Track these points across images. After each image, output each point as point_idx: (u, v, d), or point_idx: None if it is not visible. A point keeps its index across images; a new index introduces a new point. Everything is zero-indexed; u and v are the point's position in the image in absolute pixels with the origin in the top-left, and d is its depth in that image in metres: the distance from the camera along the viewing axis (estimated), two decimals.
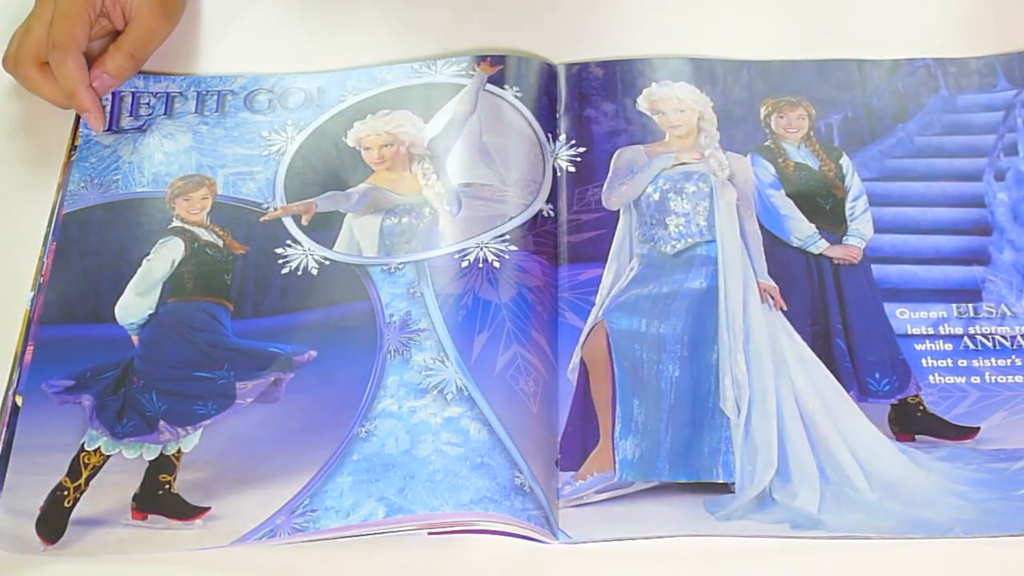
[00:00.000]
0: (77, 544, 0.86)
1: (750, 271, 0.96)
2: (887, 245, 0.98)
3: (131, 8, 1.07)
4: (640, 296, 0.96)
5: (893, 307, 0.95)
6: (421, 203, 1.00)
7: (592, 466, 0.88)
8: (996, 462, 0.88)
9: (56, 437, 0.90)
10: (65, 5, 1.03)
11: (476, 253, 0.97)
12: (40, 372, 0.93)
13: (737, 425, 0.89)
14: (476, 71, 1.07)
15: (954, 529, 0.85)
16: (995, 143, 1.02)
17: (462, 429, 0.88)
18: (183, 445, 0.90)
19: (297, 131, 1.05)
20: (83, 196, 1.02)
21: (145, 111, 1.07)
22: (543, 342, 0.93)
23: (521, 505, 0.85)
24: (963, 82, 1.06)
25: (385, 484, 0.86)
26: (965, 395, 0.91)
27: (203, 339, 0.95)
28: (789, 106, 1.05)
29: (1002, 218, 0.98)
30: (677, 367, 0.92)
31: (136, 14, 1.07)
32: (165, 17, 1.09)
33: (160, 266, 0.98)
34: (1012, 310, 0.94)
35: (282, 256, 0.98)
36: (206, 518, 0.87)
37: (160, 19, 1.09)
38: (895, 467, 0.88)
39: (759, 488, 0.87)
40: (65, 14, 1.03)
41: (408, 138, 1.04)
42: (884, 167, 1.02)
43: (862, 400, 0.91)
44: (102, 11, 1.06)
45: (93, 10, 1.04)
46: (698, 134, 1.04)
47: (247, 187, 1.02)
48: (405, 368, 0.91)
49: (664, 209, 1.00)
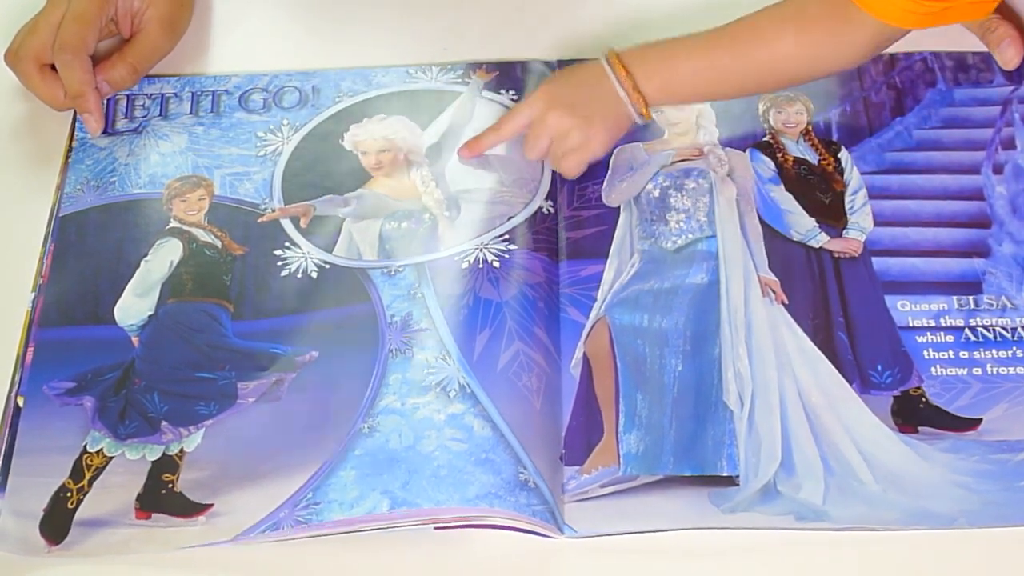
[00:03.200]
0: (81, 545, 0.85)
1: (751, 266, 0.97)
2: (887, 238, 0.98)
3: (141, 21, 1.07)
4: (642, 292, 0.96)
5: (894, 299, 0.95)
6: (420, 209, 1.00)
7: (596, 460, 0.88)
8: (999, 453, 0.88)
9: (58, 439, 0.90)
10: (79, 8, 1.03)
11: (476, 254, 0.97)
12: (41, 373, 0.93)
13: (740, 418, 0.90)
14: (472, 78, 1.07)
15: (958, 520, 0.85)
16: (993, 137, 1.02)
17: (465, 425, 0.88)
18: (186, 445, 0.90)
19: (293, 131, 1.05)
20: (80, 198, 1.02)
21: (140, 113, 1.07)
22: (545, 338, 0.93)
23: (526, 500, 0.85)
24: (960, 76, 1.06)
25: (389, 478, 0.86)
26: (967, 387, 0.91)
27: (203, 340, 0.95)
28: (787, 101, 1.05)
29: (1001, 211, 0.99)
30: (680, 361, 0.92)
31: (145, 28, 1.07)
32: (172, 34, 1.09)
33: (158, 267, 0.98)
34: (1012, 302, 0.94)
35: (281, 258, 0.98)
36: (209, 514, 0.86)
37: (167, 36, 1.09)
38: (898, 459, 0.88)
39: (763, 481, 0.87)
40: (77, 17, 1.03)
41: (406, 145, 1.04)
42: (883, 160, 1.02)
43: (864, 392, 0.91)
44: (113, 18, 1.06)
45: (105, 16, 1.05)
46: (697, 131, 1.04)
47: (244, 187, 1.02)
48: (407, 366, 0.91)
49: (664, 205, 1.00)
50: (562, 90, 1.00)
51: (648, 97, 0.97)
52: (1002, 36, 1.02)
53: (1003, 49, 1.02)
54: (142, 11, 1.07)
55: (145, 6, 1.06)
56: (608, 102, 0.97)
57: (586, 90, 0.98)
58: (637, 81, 0.96)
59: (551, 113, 0.98)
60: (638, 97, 0.96)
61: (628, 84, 0.96)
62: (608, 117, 0.98)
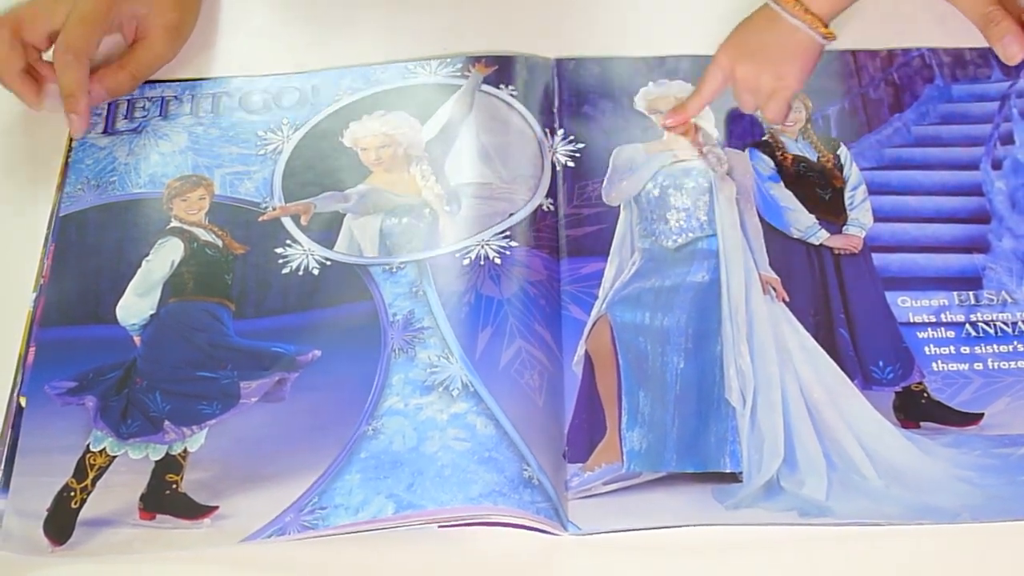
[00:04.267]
0: (85, 545, 0.85)
1: (751, 263, 0.97)
2: (887, 234, 0.98)
3: (145, 27, 1.07)
4: (643, 290, 0.96)
5: (895, 295, 0.95)
6: (421, 204, 1.00)
7: (600, 458, 0.89)
8: (1001, 447, 0.88)
9: (61, 439, 0.90)
10: (85, 9, 1.02)
11: (477, 251, 0.97)
12: (42, 373, 0.93)
13: (743, 415, 0.90)
14: (472, 72, 1.07)
15: (961, 515, 0.85)
16: (991, 132, 1.03)
17: (468, 425, 0.88)
18: (189, 445, 0.90)
19: (293, 130, 1.05)
20: (80, 198, 1.02)
21: (140, 113, 1.07)
22: (547, 336, 0.93)
23: (530, 498, 0.85)
24: (958, 72, 1.07)
25: (394, 481, 0.86)
26: (968, 382, 0.91)
27: (205, 339, 0.95)
28: None
29: (1000, 206, 0.99)
30: (682, 359, 0.92)
31: (148, 36, 1.07)
32: (175, 42, 1.09)
33: (159, 267, 0.98)
34: (1013, 296, 0.95)
35: (282, 256, 0.98)
36: (214, 517, 0.86)
37: (170, 44, 1.08)
38: (901, 454, 0.88)
39: (766, 477, 0.87)
40: (84, 19, 1.02)
41: (405, 140, 1.04)
42: (882, 156, 1.03)
43: (866, 388, 0.91)
44: (117, 24, 1.06)
45: (111, 21, 1.04)
46: (696, 131, 1.04)
47: (244, 187, 1.02)
48: (410, 366, 0.91)
49: (664, 204, 1.00)
50: (740, 42, 1.02)
51: (822, 15, 0.99)
52: (1005, 31, 1.02)
53: (1006, 44, 1.02)
54: (147, 17, 1.06)
55: (151, 13, 1.06)
56: (786, 37, 1.00)
57: (762, 34, 1.01)
58: (806, 4, 0.99)
59: (737, 68, 1.01)
60: (812, 18, 0.99)
61: (798, 10, 0.98)
62: (791, 51, 1.00)
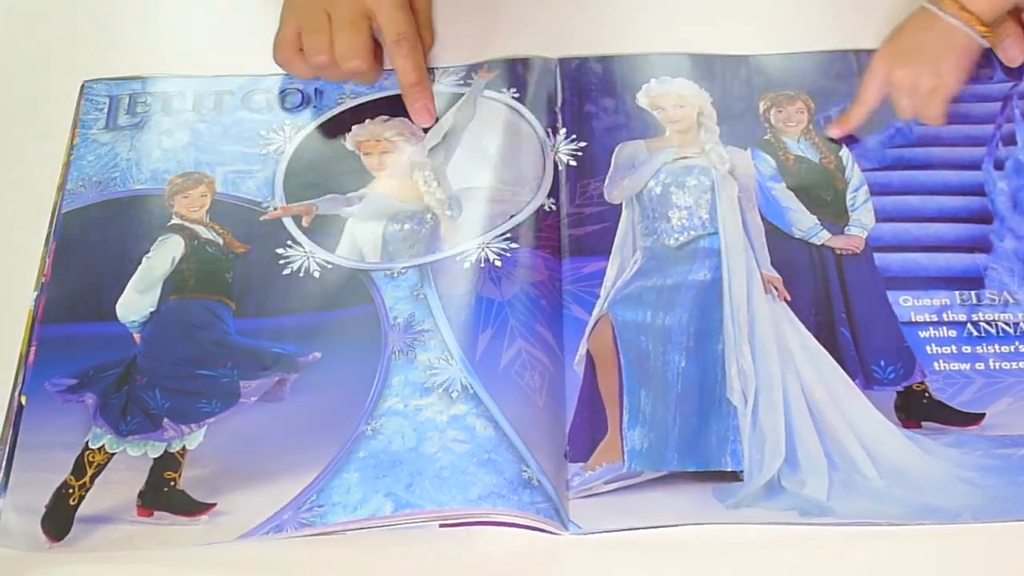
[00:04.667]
0: (83, 541, 0.85)
1: (753, 263, 0.97)
2: (889, 234, 0.98)
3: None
4: (645, 288, 0.96)
5: (896, 295, 0.95)
6: (423, 209, 1.00)
7: (601, 457, 0.88)
8: (1002, 448, 0.88)
9: (60, 435, 0.90)
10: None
11: (479, 254, 0.97)
12: (43, 371, 0.93)
13: (744, 414, 0.90)
14: (474, 79, 1.07)
15: (962, 515, 0.85)
16: (993, 133, 1.03)
17: (468, 426, 0.88)
18: (188, 442, 0.90)
19: (295, 131, 1.05)
20: (81, 195, 1.02)
21: (142, 108, 1.07)
22: (548, 336, 0.93)
23: (529, 499, 0.85)
24: None
25: (392, 480, 0.86)
26: (970, 382, 0.91)
27: (205, 337, 0.95)
28: (788, 100, 1.05)
29: (1002, 207, 0.99)
30: (683, 358, 0.92)
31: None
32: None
33: (160, 264, 0.98)
34: (1014, 297, 0.94)
35: (283, 256, 0.98)
36: (212, 514, 0.86)
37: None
38: (902, 454, 0.88)
39: (768, 476, 0.87)
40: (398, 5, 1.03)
41: (408, 145, 1.04)
42: (884, 157, 1.02)
43: (868, 388, 0.91)
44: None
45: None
46: (698, 129, 1.04)
47: (246, 185, 1.02)
48: (410, 368, 0.91)
49: (666, 202, 1.00)
50: (896, 46, 1.01)
51: (980, 13, 0.98)
52: (1006, 33, 1.02)
53: (1007, 46, 1.02)
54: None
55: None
56: (944, 37, 0.99)
57: (919, 36, 1.00)
58: (963, 3, 0.98)
59: (895, 71, 1.00)
60: (970, 16, 0.98)
61: (955, 9, 0.98)
62: (949, 50, 0.99)
